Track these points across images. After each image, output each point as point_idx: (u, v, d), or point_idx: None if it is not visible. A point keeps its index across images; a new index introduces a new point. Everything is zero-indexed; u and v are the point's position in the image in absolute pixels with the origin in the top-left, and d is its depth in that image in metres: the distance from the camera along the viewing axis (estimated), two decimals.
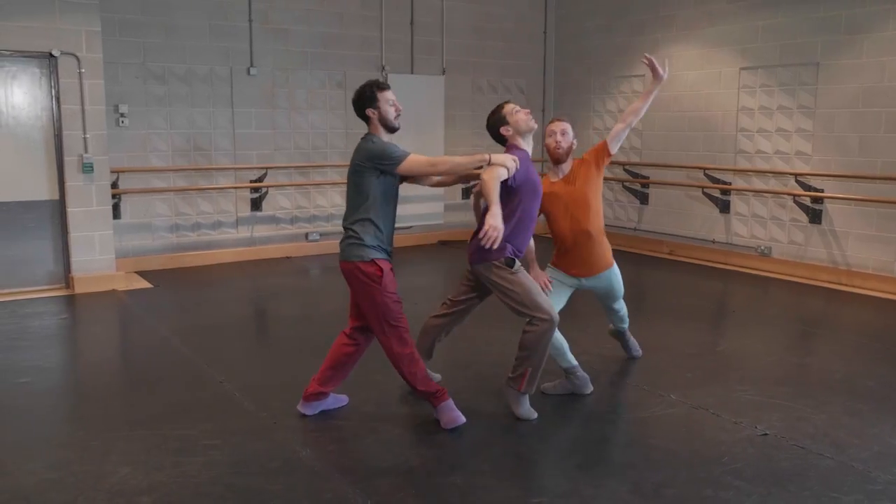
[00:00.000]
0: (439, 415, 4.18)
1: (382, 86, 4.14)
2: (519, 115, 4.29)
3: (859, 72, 7.66)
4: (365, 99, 4.12)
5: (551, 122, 4.75)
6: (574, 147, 4.71)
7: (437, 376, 4.82)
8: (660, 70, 4.76)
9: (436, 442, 4.05)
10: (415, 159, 4.03)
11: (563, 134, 4.63)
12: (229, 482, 3.57)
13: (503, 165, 4.01)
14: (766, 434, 4.14)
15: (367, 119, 4.16)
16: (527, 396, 4.33)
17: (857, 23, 7.65)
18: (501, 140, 4.33)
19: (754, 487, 3.54)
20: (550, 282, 4.73)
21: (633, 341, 5.46)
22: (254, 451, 3.90)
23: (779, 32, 8.30)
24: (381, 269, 4.02)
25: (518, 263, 4.20)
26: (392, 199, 4.14)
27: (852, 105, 7.74)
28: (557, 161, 4.67)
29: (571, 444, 4.07)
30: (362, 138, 4.16)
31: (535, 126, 4.34)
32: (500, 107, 4.35)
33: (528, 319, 4.15)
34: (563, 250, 4.74)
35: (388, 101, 4.11)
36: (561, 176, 4.69)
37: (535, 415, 4.32)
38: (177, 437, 4.08)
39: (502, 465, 3.76)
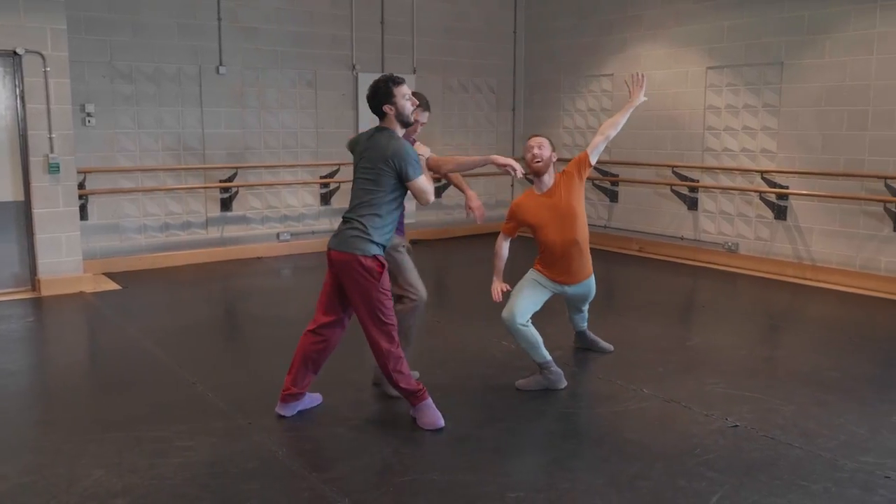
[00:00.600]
0: (417, 413, 4.19)
1: (398, 80, 4.12)
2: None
3: (822, 71, 7.81)
4: (381, 95, 4.09)
5: (529, 138, 4.90)
6: (554, 160, 4.83)
7: (415, 374, 4.83)
8: (638, 93, 4.99)
9: (412, 439, 4.06)
10: (419, 186, 4.06)
11: (540, 147, 4.77)
12: (205, 483, 3.55)
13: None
14: (736, 426, 4.21)
15: (383, 115, 4.13)
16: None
17: (819, 23, 7.80)
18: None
19: (726, 478, 3.60)
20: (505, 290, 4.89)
21: (597, 339, 5.55)
22: (229, 452, 3.88)
23: (744, 32, 8.44)
24: (381, 265, 4.04)
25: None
26: (402, 199, 4.17)
27: (815, 104, 7.90)
28: (537, 174, 4.80)
29: (547, 439, 4.10)
30: (380, 131, 4.12)
31: (415, 128, 4.48)
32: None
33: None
34: (551, 260, 4.85)
35: (405, 96, 4.11)
36: (545, 189, 4.83)
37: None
38: (151, 438, 4.04)
39: (479, 461, 3.78)
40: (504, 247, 4.95)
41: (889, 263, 7.47)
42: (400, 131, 4.16)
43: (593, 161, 4.90)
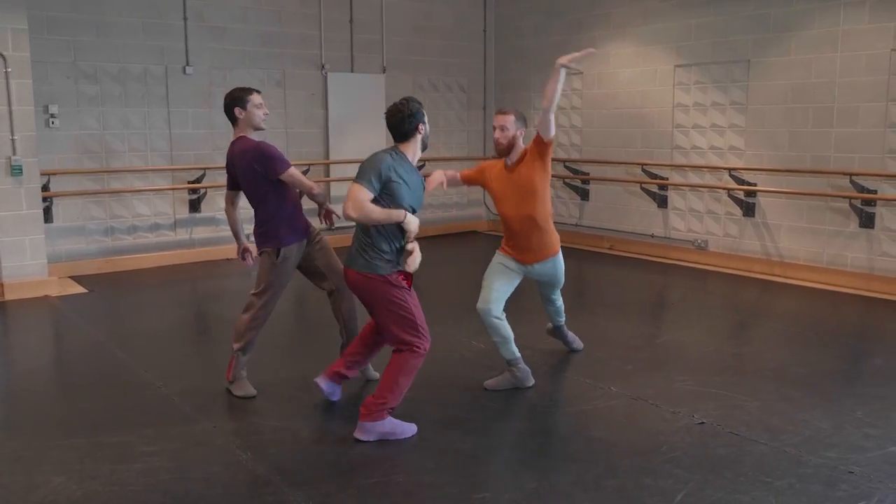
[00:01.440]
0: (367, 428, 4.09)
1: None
2: (259, 112, 4.56)
3: (788, 69, 7.89)
4: (411, 119, 3.99)
5: (496, 114, 4.78)
6: (521, 135, 4.70)
7: (376, 374, 4.84)
8: (567, 60, 4.46)
9: (378, 441, 4.02)
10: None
11: (503, 129, 4.66)
12: (167, 489, 3.50)
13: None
14: (702, 423, 4.23)
15: (405, 136, 4.06)
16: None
17: (785, 21, 7.88)
18: (232, 118, 4.59)
19: (691, 475, 3.62)
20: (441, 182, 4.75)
21: (571, 335, 5.54)
22: (193, 457, 3.83)
23: (711, 30, 8.50)
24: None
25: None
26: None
27: (782, 101, 7.97)
28: (500, 154, 4.76)
29: (514, 439, 4.09)
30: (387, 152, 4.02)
31: (264, 129, 4.62)
32: (246, 91, 4.58)
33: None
34: (511, 236, 4.84)
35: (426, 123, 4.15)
36: (510, 163, 4.77)
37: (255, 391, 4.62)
38: (114, 444, 3.98)
39: (445, 462, 3.76)
40: (457, 178, 4.96)
41: (855, 259, 7.56)
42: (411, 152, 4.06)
43: (546, 136, 4.57)
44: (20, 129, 7.26)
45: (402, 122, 3.95)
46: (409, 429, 4.08)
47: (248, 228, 4.91)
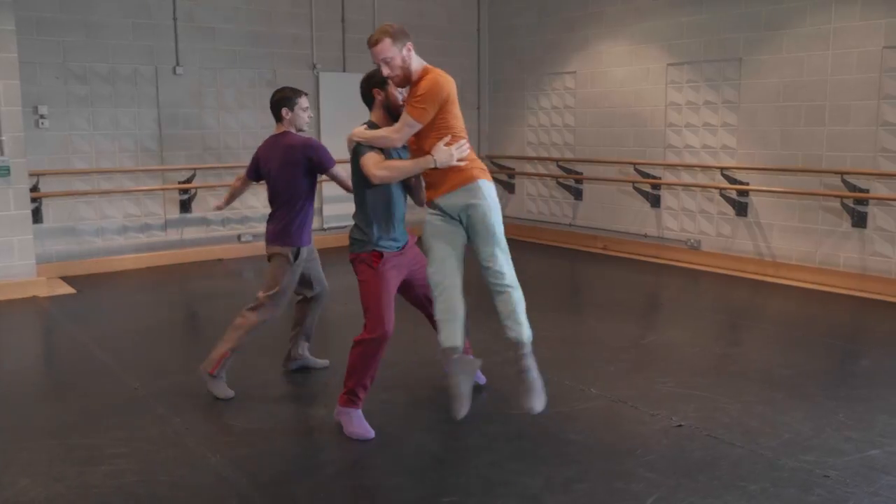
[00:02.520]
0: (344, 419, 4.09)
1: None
2: (305, 115, 4.83)
3: (779, 67, 7.82)
4: (376, 83, 3.99)
5: (369, 48, 3.75)
6: (407, 54, 3.73)
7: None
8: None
9: (346, 443, 3.98)
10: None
11: (386, 62, 3.69)
12: (132, 491, 3.47)
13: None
14: (680, 425, 4.18)
15: (372, 102, 4.08)
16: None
17: (776, 19, 7.81)
18: (277, 115, 4.80)
19: (664, 479, 3.56)
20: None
21: (531, 378, 3.77)
22: (162, 459, 3.79)
23: (703, 28, 8.43)
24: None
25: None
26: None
27: (774, 99, 7.90)
28: (401, 86, 3.89)
29: (486, 441, 4.03)
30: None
31: (306, 130, 4.87)
32: (296, 92, 4.83)
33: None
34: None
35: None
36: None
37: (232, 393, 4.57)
38: (84, 446, 3.95)
39: (414, 464, 3.72)
40: None
41: (847, 259, 7.48)
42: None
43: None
44: (8, 129, 7.25)
45: (361, 88, 4.08)
46: (366, 432, 3.97)
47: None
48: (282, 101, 4.72)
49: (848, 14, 7.27)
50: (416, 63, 3.75)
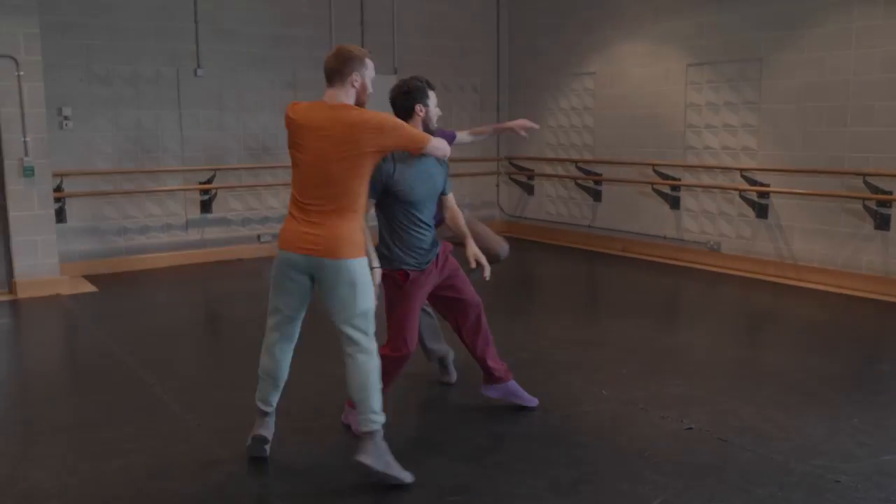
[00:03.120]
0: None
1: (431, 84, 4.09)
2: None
3: (801, 67, 7.73)
4: (416, 93, 3.99)
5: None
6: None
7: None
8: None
9: (356, 442, 3.98)
10: None
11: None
12: (142, 486, 3.52)
13: None
14: (690, 428, 4.15)
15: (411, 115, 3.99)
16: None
17: (797, 18, 7.72)
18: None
19: (671, 481, 3.54)
20: None
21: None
22: (173, 454, 3.85)
23: (723, 28, 8.36)
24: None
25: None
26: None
27: (795, 100, 7.81)
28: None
29: (493, 442, 4.03)
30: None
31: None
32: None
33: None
34: None
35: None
36: None
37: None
38: (97, 440, 4.01)
39: (421, 464, 3.72)
40: None
41: (870, 262, 7.37)
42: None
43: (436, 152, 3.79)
44: (32, 131, 7.38)
45: (398, 97, 4.02)
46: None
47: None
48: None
49: (871, 13, 7.17)
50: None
